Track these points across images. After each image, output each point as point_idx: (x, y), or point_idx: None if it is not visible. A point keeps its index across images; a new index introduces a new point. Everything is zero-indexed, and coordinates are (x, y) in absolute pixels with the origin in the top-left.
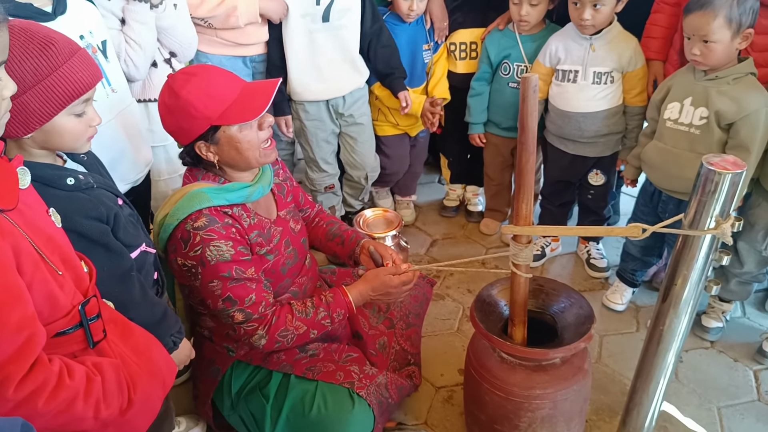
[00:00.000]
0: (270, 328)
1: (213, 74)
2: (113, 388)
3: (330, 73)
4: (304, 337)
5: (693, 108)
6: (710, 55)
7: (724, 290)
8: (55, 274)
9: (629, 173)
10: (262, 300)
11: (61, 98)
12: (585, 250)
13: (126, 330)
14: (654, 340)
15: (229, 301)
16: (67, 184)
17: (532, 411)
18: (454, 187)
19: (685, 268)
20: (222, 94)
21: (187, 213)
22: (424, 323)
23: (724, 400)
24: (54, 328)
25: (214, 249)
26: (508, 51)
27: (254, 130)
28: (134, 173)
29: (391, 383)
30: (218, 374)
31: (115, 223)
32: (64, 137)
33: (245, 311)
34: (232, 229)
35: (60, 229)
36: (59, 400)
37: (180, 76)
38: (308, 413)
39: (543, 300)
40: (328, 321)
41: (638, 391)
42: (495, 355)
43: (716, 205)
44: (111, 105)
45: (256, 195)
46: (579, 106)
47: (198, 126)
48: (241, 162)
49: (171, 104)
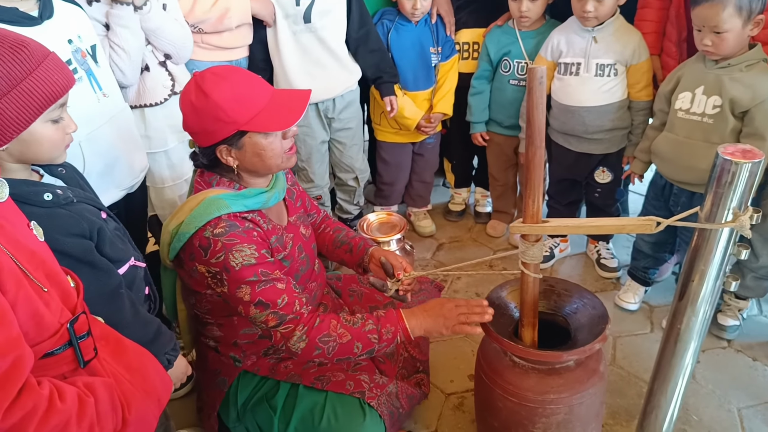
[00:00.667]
0: (311, 330)
1: (244, 78)
2: (107, 409)
3: (319, 73)
4: (347, 348)
5: (705, 97)
6: (722, 44)
7: (739, 287)
8: (40, 291)
9: (637, 168)
10: (295, 300)
11: (38, 103)
12: (595, 250)
13: (118, 346)
14: (671, 339)
15: (261, 305)
16: (45, 200)
17: (547, 416)
18: (459, 191)
19: (703, 264)
20: (253, 99)
21: (206, 220)
22: None
23: (745, 401)
24: (41, 349)
25: (237, 254)
26: (508, 48)
27: (279, 139)
28: (129, 179)
29: (401, 392)
30: (224, 386)
31: (99, 238)
32: (43, 146)
33: (279, 313)
34: (254, 233)
35: (43, 243)
36: (51, 426)
37: (210, 76)
38: (318, 425)
39: (555, 301)
40: (375, 336)
41: (656, 393)
42: (506, 359)
43: (734, 196)
44: (103, 110)
45: (273, 201)
46: (582, 99)
47: (224, 130)
48: (262, 168)
49: (199, 105)
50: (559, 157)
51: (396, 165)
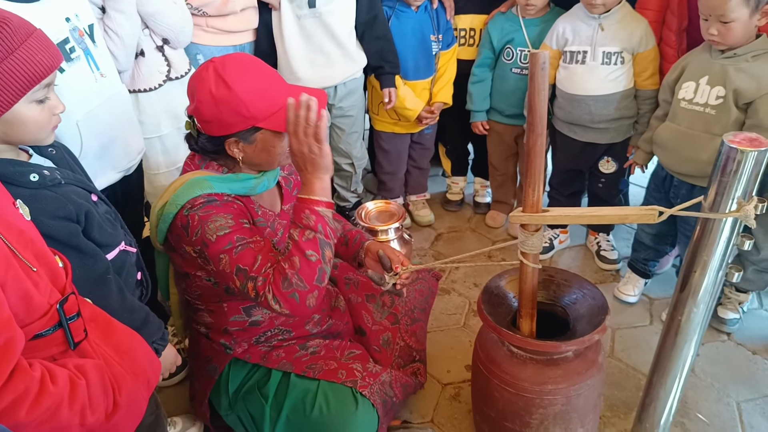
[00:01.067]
0: (274, 288)
1: (266, 72)
2: (98, 391)
3: (321, 61)
4: (306, 269)
5: (709, 87)
6: (729, 34)
7: (741, 279)
8: (29, 270)
9: (640, 158)
10: (268, 260)
11: (21, 83)
12: (595, 241)
13: (107, 328)
14: (672, 331)
15: (241, 272)
16: (31, 180)
17: (544, 407)
18: (456, 180)
19: (705, 255)
20: (274, 96)
21: (187, 199)
22: (430, 319)
23: (744, 394)
24: (31, 330)
25: (212, 225)
26: (511, 36)
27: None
28: (126, 160)
29: (395, 381)
30: (215, 373)
31: (87, 221)
32: (27, 127)
33: (254, 278)
34: (233, 205)
35: (30, 223)
36: (43, 409)
37: (233, 66)
38: (309, 414)
39: (554, 291)
40: (309, 232)
41: (655, 385)
42: (504, 349)
43: (738, 185)
44: (100, 90)
45: (260, 188)
46: (588, 88)
47: (241, 124)
48: (266, 164)
49: (219, 96)
50: (563, 147)
51: (396, 154)
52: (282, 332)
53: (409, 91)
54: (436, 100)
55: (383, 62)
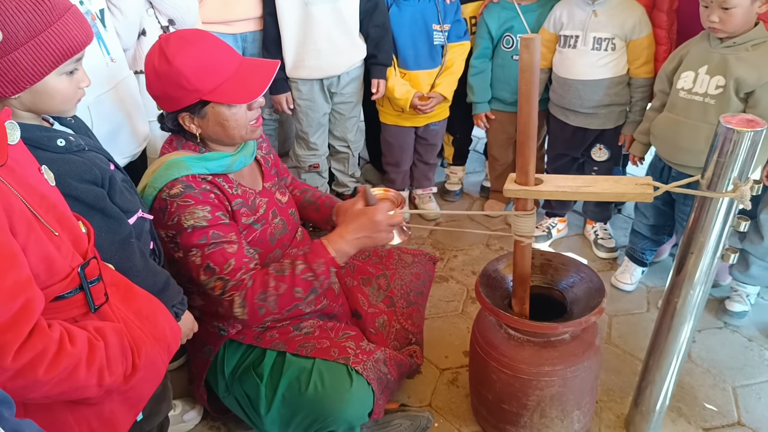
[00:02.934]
0: (246, 293)
1: (210, 44)
2: (117, 353)
3: (327, 49)
4: (287, 298)
5: (708, 77)
6: (729, 21)
7: (745, 276)
8: (51, 234)
9: (636, 150)
10: (242, 266)
11: (54, 56)
12: (592, 230)
13: (129, 293)
14: (668, 314)
15: (209, 270)
16: (58, 145)
17: (541, 389)
18: (455, 170)
19: (702, 235)
20: (218, 68)
21: (165, 182)
22: (428, 305)
23: (740, 380)
24: (52, 292)
25: (189, 216)
26: (510, 23)
27: (243, 110)
28: (133, 146)
29: (389, 359)
30: (210, 354)
31: (110, 186)
32: (55, 98)
33: (223, 278)
34: (210, 195)
35: (54, 188)
36: (61, 368)
37: (175, 40)
38: (305, 391)
39: (551, 275)
40: (311, 275)
41: (651, 368)
42: (502, 332)
43: (735, 166)
44: (110, 75)
45: (237, 165)
46: (578, 72)
47: (186, 98)
48: (225, 138)
49: (161, 70)
50: (556, 130)
51: (399, 146)
52: None
53: (399, 81)
54: (435, 90)
55: (377, 51)
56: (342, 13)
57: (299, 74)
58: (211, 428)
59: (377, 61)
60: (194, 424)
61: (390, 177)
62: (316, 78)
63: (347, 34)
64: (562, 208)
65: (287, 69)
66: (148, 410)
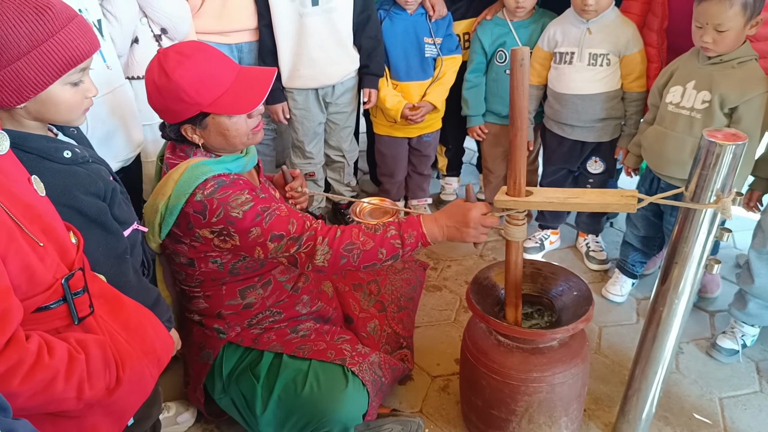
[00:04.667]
0: (332, 241)
1: (208, 57)
2: (99, 366)
3: (321, 59)
4: (371, 254)
5: (695, 92)
6: (722, 42)
7: (744, 314)
8: (34, 245)
9: (630, 161)
10: (303, 219)
11: (58, 66)
12: (584, 243)
13: (117, 305)
14: (653, 323)
15: (275, 237)
16: (64, 157)
17: (530, 395)
18: (449, 181)
19: (686, 246)
20: (216, 80)
21: (196, 184)
22: (421, 313)
23: (726, 390)
24: (33, 303)
25: (233, 203)
26: (502, 39)
27: (243, 118)
28: (126, 151)
29: (384, 363)
30: (209, 358)
31: (111, 198)
32: (60, 108)
33: (294, 237)
34: (239, 182)
35: (43, 198)
36: (36, 381)
37: (173, 55)
38: (300, 392)
39: (541, 284)
40: (398, 242)
41: (637, 377)
42: (492, 338)
43: (717, 178)
44: (107, 81)
45: (249, 165)
46: (575, 87)
47: (187, 111)
48: (227, 146)
49: (161, 84)
50: (553, 145)
51: (392, 157)
52: (273, 314)
53: (391, 92)
54: (426, 99)
55: (369, 61)
56: (336, 25)
57: (295, 84)
58: (205, 431)
59: (369, 72)
60: (188, 426)
61: (385, 188)
62: (311, 88)
63: (341, 45)
64: (555, 220)
65: (283, 79)
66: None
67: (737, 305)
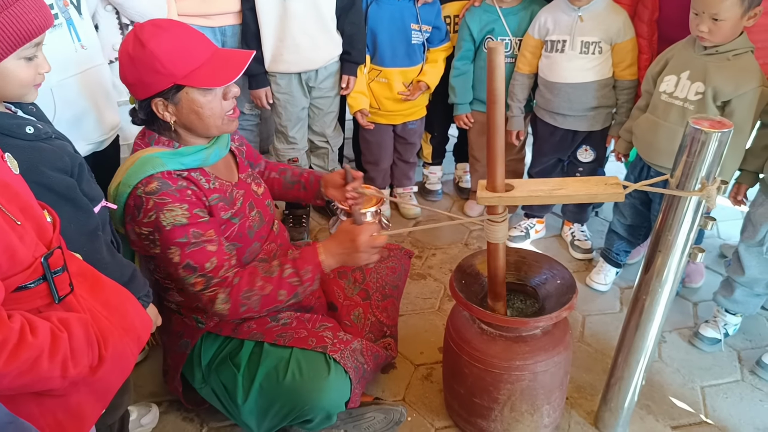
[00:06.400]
0: (232, 290)
1: (185, 31)
2: (82, 344)
3: (304, 44)
4: (271, 299)
5: (690, 82)
6: (718, 32)
7: (729, 301)
8: (12, 224)
9: (621, 147)
10: (224, 263)
11: (12, 40)
12: (569, 232)
13: (96, 284)
14: (636, 312)
15: (189, 267)
16: (27, 133)
17: (512, 383)
18: (433, 170)
19: (670, 234)
20: (192, 53)
21: (140, 178)
22: (405, 302)
23: (708, 379)
24: (13, 283)
25: (168, 213)
26: (491, 26)
27: (218, 99)
28: (98, 133)
29: (366, 350)
30: (187, 347)
31: (79, 173)
32: (12, 82)
33: (206, 276)
34: (187, 191)
35: (17, 176)
36: (22, 360)
37: (149, 27)
38: (282, 380)
39: (525, 272)
40: (296, 279)
41: (620, 366)
42: (475, 327)
43: (702, 166)
44: (78, 61)
45: (213, 158)
46: (567, 76)
47: (160, 82)
48: (200, 128)
49: (135, 55)
50: (545, 134)
51: (377, 144)
52: None
53: (361, 84)
54: (421, 78)
55: (351, 48)
56: (320, 9)
57: (278, 68)
58: (185, 419)
59: (350, 59)
60: (153, 426)
61: (370, 175)
62: (294, 72)
63: (325, 29)
64: (541, 209)
65: (266, 63)
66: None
67: (723, 292)
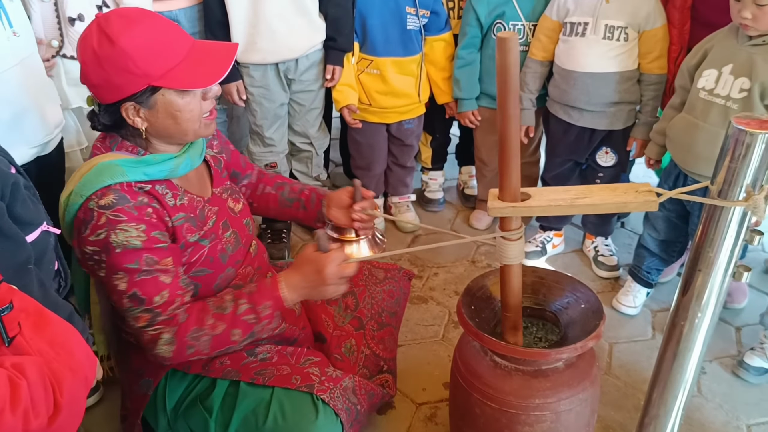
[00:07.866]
0: (178, 329)
1: (158, 23)
2: (39, 391)
3: (281, 30)
4: (223, 339)
5: (732, 77)
6: (764, 18)
7: None
8: None
9: (652, 152)
10: (176, 298)
11: None
12: (592, 246)
13: (40, 319)
14: (673, 340)
15: (135, 298)
16: None
17: (531, 425)
18: (434, 176)
19: (711, 250)
20: (169, 49)
21: (94, 189)
22: (404, 330)
23: (756, 417)
24: None
25: (120, 234)
26: (501, 9)
27: (197, 100)
28: (42, 134)
29: (359, 387)
30: (149, 388)
31: (12, 195)
32: None
33: (152, 311)
34: (147, 209)
35: None
36: None
37: (116, 19)
38: (263, 426)
39: (544, 295)
40: (253, 317)
41: (654, 402)
42: (487, 359)
43: (747, 172)
44: (13, 49)
45: (183, 168)
46: (586, 64)
47: (133, 84)
48: (176, 133)
49: (103, 53)
50: (558, 132)
51: (368, 145)
52: None
53: (348, 78)
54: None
55: (336, 34)
56: None
57: (251, 58)
58: None
59: (336, 46)
60: None
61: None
62: (270, 62)
63: (304, 12)
64: (559, 221)
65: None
66: None
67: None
